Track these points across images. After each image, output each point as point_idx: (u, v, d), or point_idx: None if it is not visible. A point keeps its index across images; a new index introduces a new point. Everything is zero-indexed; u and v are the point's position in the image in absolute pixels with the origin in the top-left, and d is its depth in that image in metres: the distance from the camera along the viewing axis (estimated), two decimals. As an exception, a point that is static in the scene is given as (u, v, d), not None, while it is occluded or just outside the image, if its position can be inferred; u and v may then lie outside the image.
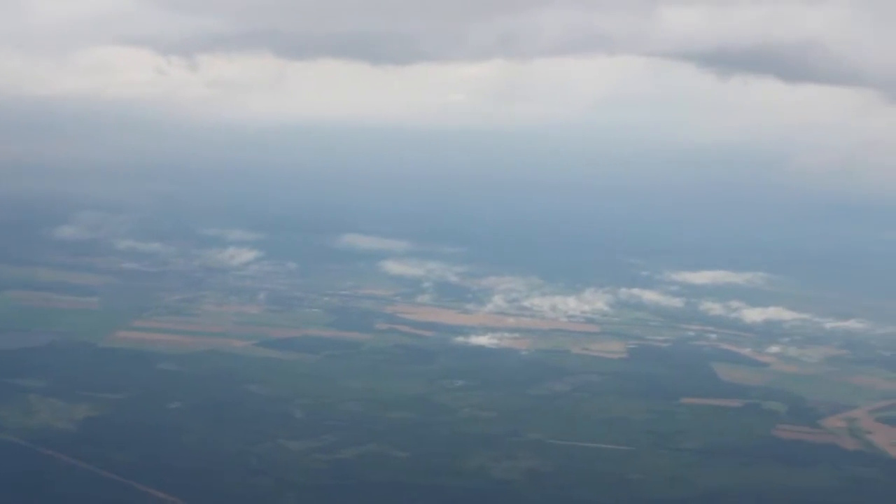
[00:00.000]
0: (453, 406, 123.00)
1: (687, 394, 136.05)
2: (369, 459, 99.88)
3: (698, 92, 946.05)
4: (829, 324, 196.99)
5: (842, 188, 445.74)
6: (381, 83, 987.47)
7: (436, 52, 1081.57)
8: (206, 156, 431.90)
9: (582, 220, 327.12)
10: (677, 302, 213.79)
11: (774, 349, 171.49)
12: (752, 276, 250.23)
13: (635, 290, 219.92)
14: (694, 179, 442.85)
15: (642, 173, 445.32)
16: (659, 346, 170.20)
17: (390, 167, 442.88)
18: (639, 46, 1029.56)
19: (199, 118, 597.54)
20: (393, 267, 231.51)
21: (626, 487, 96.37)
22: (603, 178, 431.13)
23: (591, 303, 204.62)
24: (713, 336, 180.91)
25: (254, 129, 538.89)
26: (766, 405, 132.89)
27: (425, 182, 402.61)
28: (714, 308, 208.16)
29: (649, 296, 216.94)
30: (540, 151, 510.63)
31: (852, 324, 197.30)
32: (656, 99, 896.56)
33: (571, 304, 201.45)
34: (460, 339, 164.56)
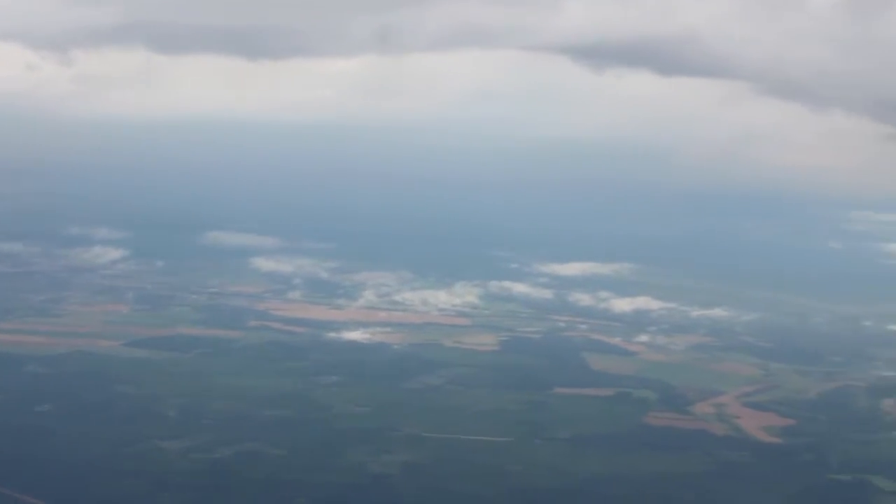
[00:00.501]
0: (328, 402, 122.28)
1: (560, 384, 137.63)
2: (246, 458, 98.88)
3: (572, 86, 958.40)
4: (695, 312, 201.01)
5: (709, 179, 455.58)
6: (255, 78, 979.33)
7: (314, 47, 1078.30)
8: (72, 153, 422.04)
9: (451, 215, 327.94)
10: (547, 294, 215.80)
11: (643, 338, 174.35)
12: (619, 267, 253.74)
13: (505, 283, 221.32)
14: (563, 173, 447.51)
15: (511, 167, 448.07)
16: (530, 338, 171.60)
17: (260, 163, 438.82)
18: (516, 40, 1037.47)
19: (65, 114, 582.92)
20: (263, 263, 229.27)
21: (505, 478, 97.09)
22: (472, 172, 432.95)
23: (461, 296, 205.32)
24: (583, 326, 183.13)
25: (121, 125, 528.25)
26: (637, 393, 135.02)
27: (295, 178, 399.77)
28: (583, 299, 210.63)
29: (519, 288, 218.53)
30: (409, 146, 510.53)
31: (717, 312, 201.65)
32: (529, 93, 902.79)
33: (442, 298, 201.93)
34: (332, 334, 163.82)
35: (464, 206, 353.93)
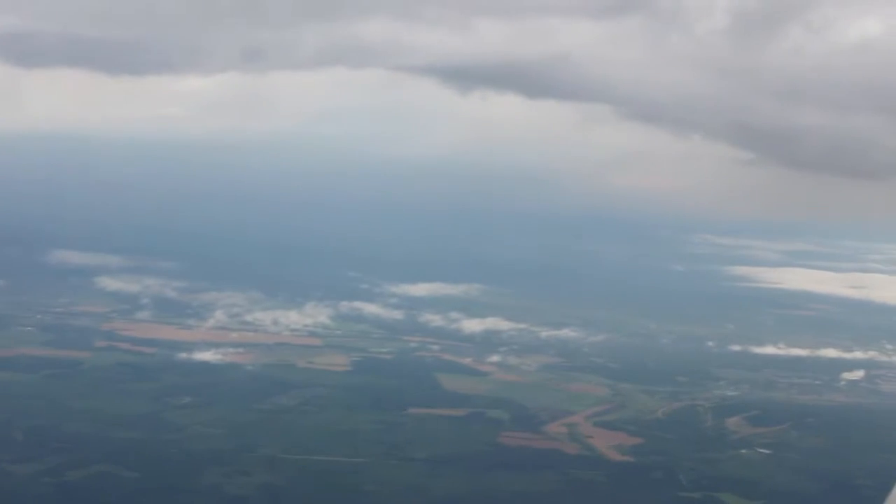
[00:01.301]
0: (181, 423, 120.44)
1: (413, 404, 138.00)
2: (98, 481, 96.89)
3: (433, 107, 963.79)
4: (545, 333, 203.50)
5: (559, 201, 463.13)
6: (111, 94, 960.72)
7: (178, 64, 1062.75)
8: None
9: (301, 234, 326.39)
10: (398, 314, 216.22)
11: (494, 358, 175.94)
12: (468, 288, 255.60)
13: (356, 303, 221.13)
14: (413, 193, 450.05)
15: (363, 186, 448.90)
16: (383, 358, 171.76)
17: (107, 180, 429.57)
18: (386, 61, 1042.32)
19: None
20: (108, 283, 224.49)
21: (362, 499, 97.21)
22: (323, 191, 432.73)
23: (312, 316, 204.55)
24: (435, 347, 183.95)
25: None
26: (491, 413, 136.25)
27: (141, 195, 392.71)
28: (434, 319, 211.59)
29: (370, 308, 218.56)
30: (260, 164, 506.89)
31: (566, 333, 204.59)
32: (387, 113, 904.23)
33: (293, 318, 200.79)
34: (183, 355, 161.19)
35: (314, 224, 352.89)
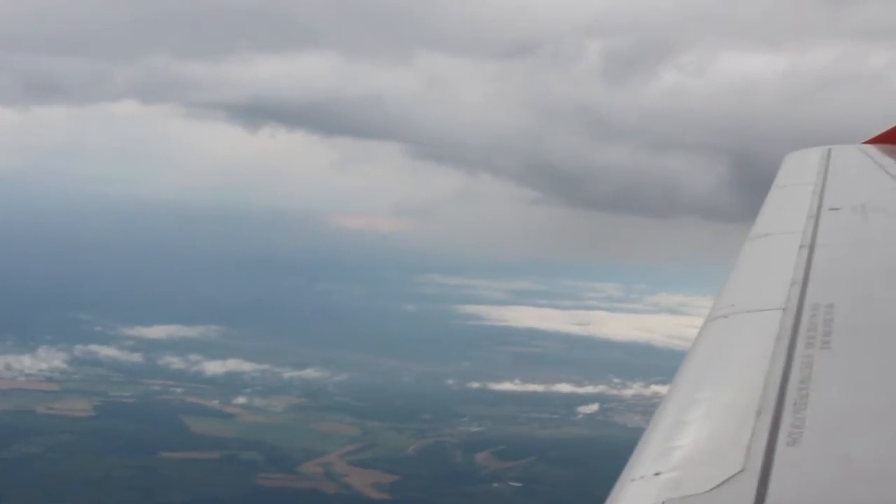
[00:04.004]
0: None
1: (164, 448, 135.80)
2: None
3: (207, 144, 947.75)
4: (287, 373, 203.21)
5: (296, 242, 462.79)
6: None
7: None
8: None
9: (27, 275, 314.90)
10: (136, 357, 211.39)
11: (240, 400, 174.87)
12: (205, 330, 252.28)
13: (92, 347, 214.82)
14: (151, 234, 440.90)
15: (96, 227, 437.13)
16: (126, 402, 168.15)
17: None
18: (180, 96, 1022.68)
19: None
20: None
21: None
22: (50, 230, 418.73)
23: (47, 360, 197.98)
24: (178, 390, 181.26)
25: None
26: (244, 455, 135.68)
27: None
28: (174, 362, 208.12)
29: (107, 351, 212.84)
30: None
31: (309, 373, 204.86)
32: (146, 149, 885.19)
33: (27, 363, 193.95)
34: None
35: (40, 265, 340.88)
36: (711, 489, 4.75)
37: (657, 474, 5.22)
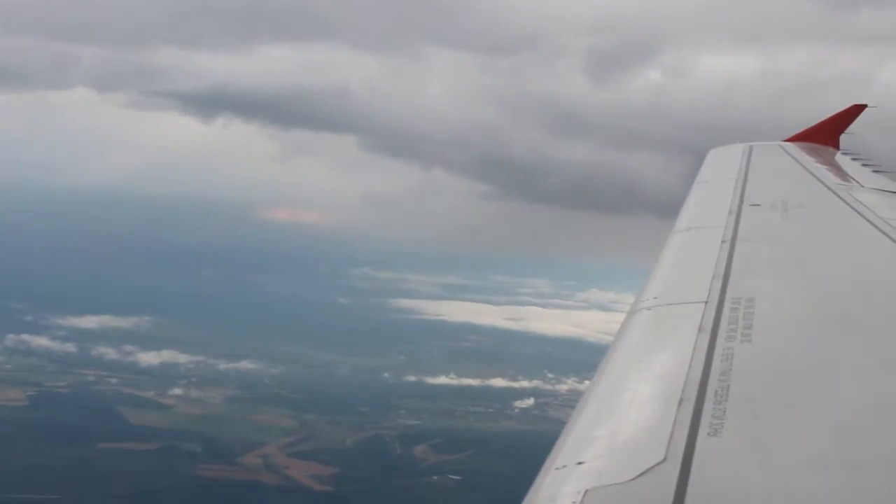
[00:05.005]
0: None
1: (101, 439, 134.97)
2: None
3: (153, 134, 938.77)
4: (223, 365, 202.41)
5: (230, 234, 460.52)
6: None
7: None
8: None
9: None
10: (69, 347, 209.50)
11: (176, 391, 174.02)
12: (138, 321, 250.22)
13: (23, 336, 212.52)
14: (80, 223, 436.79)
15: (23, 216, 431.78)
16: (61, 392, 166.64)
17: None
18: (134, 84, 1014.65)
19: None
20: None
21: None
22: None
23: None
24: (113, 381, 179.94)
25: None
26: (183, 446, 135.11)
27: None
28: (108, 352, 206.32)
29: (39, 341, 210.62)
30: None
31: (245, 365, 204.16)
32: (82, 139, 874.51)
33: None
34: None
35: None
36: (633, 478, 5.10)
37: (580, 463, 5.57)
